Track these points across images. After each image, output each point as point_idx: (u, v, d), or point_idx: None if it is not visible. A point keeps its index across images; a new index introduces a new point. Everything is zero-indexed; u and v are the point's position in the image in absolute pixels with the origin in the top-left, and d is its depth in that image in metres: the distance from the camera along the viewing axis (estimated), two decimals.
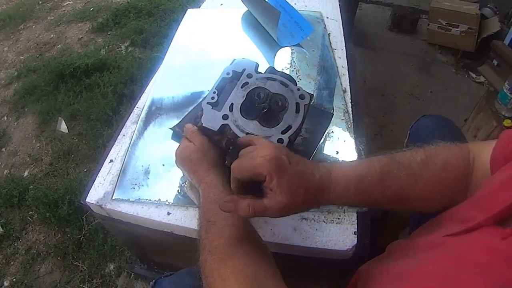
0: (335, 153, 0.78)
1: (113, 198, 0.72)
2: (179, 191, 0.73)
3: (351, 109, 0.88)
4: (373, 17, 2.49)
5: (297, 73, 0.98)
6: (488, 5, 2.17)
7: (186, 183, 0.73)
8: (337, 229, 0.66)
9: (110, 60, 2.03)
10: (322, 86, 0.94)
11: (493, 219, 0.40)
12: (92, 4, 2.72)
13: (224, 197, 0.53)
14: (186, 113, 0.84)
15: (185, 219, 0.69)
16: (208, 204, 0.54)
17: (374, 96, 1.91)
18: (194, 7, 1.28)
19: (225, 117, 0.62)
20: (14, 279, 1.25)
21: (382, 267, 0.52)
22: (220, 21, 1.18)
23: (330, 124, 0.83)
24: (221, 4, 1.27)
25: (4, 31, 2.50)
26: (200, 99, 0.87)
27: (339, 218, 0.68)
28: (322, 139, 0.80)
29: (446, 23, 2.09)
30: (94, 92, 1.85)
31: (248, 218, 0.55)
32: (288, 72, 0.86)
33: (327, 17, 1.19)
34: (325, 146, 0.80)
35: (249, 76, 0.67)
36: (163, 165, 0.77)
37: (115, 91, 1.82)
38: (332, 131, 0.83)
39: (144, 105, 0.90)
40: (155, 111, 0.88)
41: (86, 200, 0.73)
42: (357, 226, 0.66)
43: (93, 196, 0.73)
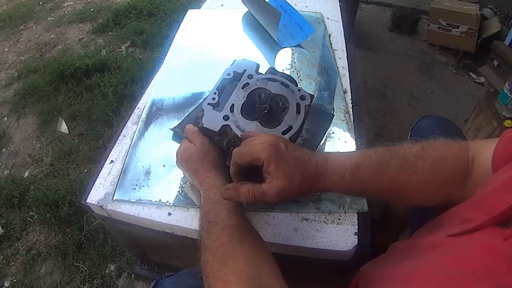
0: None
1: (114, 198, 0.72)
2: (180, 191, 0.73)
3: (351, 109, 0.88)
4: (374, 17, 2.49)
5: (297, 73, 0.98)
6: (488, 6, 2.17)
7: (186, 183, 0.73)
8: (338, 229, 0.66)
9: (111, 60, 2.03)
10: (322, 87, 0.94)
11: (494, 220, 0.40)
12: (92, 4, 2.72)
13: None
14: (187, 113, 0.84)
15: (186, 220, 0.69)
16: (209, 204, 0.54)
17: (374, 96, 1.91)
18: (194, 7, 1.28)
19: (225, 117, 0.62)
20: (15, 280, 1.25)
21: (383, 268, 0.52)
22: (220, 21, 1.18)
23: (331, 125, 0.83)
24: (222, 5, 1.27)
25: (5, 31, 2.50)
26: (201, 100, 0.87)
27: (339, 219, 0.68)
28: (323, 139, 0.80)
29: (446, 23, 2.09)
30: (95, 93, 1.85)
31: (248, 220, 0.55)
32: (288, 73, 0.86)
33: (327, 18, 1.19)
34: (325, 147, 0.80)
35: (249, 77, 0.67)
36: (163, 165, 0.77)
37: (116, 92, 1.82)
38: (333, 132, 0.83)
39: (145, 105, 0.90)
40: (155, 111, 0.88)
41: (87, 201, 0.73)
42: (358, 227, 0.66)
43: (94, 196, 0.73)
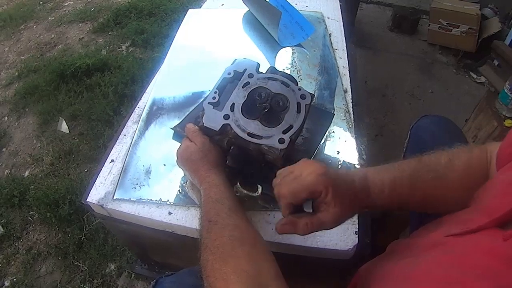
0: (336, 153, 0.78)
1: (114, 198, 0.72)
2: (180, 191, 0.73)
3: (352, 109, 0.88)
4: (374, 17, 2.49)
5: (298, 73, 0.98)
6: (489, 5, 2.17)
7: (187, 183, 0.73)
8: (338, 229, 0.66)
9: (111, 60, 2.03)
10: (323, 86, 0.94)
11: (495, 222, 0.41)
12: (93, 4, 2.72)
13: (225, 197, 0.54)
14: (187, 113, 0.84)
15: (186, 219, 0.69)
16: (210, 203, 0.54)
17: (375, 96, 1.91)
18: (195, 7, 1.28)
19: (226, 117, 0.62)
20: (15, 279, 1.25)
21: (382, 267, 0.52)
22: (221, 21, 1.18)
23: (331, 124, 0.83)
24: (222, 4, 1.27)
25: (5, 31, 2.50)
26: (201, 99, 0.87)
27: None
28: (323, 139, 0.80)
29: (447, 23, 2.09)
30: (95, 92, 1.85)
31: (249, 219, 0.55)
32: (289, 72, 0.86)
33: (328, 18, 1.19)
34: (326, 146, 0.80)
35: (250, 76, 0.67)
36: (164, 165, 0.77)
37: (116, 91, 1.82)
38: (333, 131, 0.83)
39: (145, 105, 0.90)
40: (156, 111, 0.89)
41: (87, 200, 0.73)
42: (358, 226, 0.66)
43: (94, 196, 0.73)
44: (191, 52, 1.06)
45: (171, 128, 0.82)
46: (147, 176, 0.75)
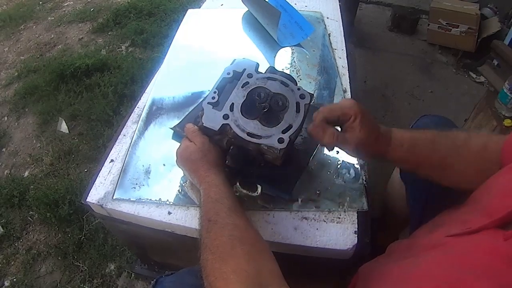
0: (335, 153, 0.78)
1: (114, 197, 0.72)
2: (179, 190, 0.73)
3: None
4: (373, 17, 2.49)
5: (297, 73, 0.98)
6: (488, 5, 2.17)
7: (186, 182, 0.73)
8: (337, 228, 0.66)
9: (111, 60, 2.03)
10: (322, 86, 0.94)
11: (495, 223, 0.41)
12: (92, 4, 2.72)
13: (225, 196, 0.54)
14: (187, 113, 0.84)
15: (186, 219, 0.69)
16: (209, 203, 0.54)
17: (374, 96, 1.91)
18: (194, 7, 1.28)
19: (225, 116, 0.62)
20: (15, 279, 1.25)
21: (382, 268, 0.52)
22: (220, 21, 1.18)
23: None
24: (222, 5, 1.27)
25: (5, 31, 2.50)
26: (201, 99, 0.87)
27: (339, 218, 0.68)
28: None
29: (446, 23, 2.09)
30: (95, 92, 1.85)
31: (248, 219, 0.55)
32: (288, 72, 0.86)
33: (327, 17, 1.19)
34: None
35: (249, 76, 0.67)
36: (163, 165, 0.77)
37: (116, 91, 1.82)
38: None
39: (145, 105, 0.90)
40: (155, 111, 0.89)
41: (87, 200, 0.73)
42: (358, 226, 0.67)
43: (94, 196, 0.73)
44: (191, 52, 1.06)
45: (171, 128, 0.82)
46: (146, 176, 0.75)
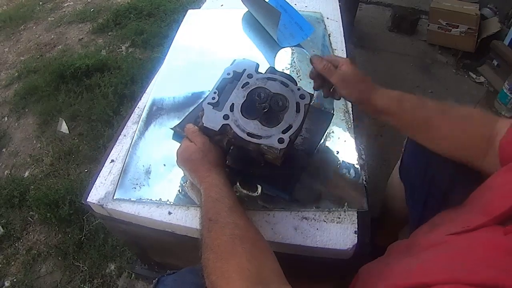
0: (335, 153, 0.78)
1: (114, 198, 0.72)
2: (180, 190, 0.73)
3: (351, 109, 0.89)
4: (373, 17, 2.49)
5: (297, 73, 0.98)
6: (488, 5, 2.17)
7: (187, 182, 0.73)
8: (337, 228, 0.66)
9: (111, 60, 2.03)
10: None
11: (494, 220, 0.41)
12: (92, 5, 2.72)
13: (226, 196, 0.55)
14: (187, 113, 0.84)
15: (186, 219, 0.69)
16: (210, 203, 0.55)
17: None
18: (194, 7, 1.28)
19: (225, 117, 0.62)
20: (15, 279, 1.25)
21: (382, 268, 0.52)
22: (220, 21, 1.19)
23: (331, 124, 0.83)
24: (222, 5, 1.28)
25: (5, 31, 2.50)
26: (201, 100, 0.87)
27: (339, 218, 0.68)
28: (323, 139, 0.80)
29: (446, 23, 2.09)
30: (95, 93, 1.85)
31: (249, 219, 0.55)
32: (288, 73, 0.86)
33: (327, 18, 1.19)
34: (325, 146, 0.80)
35: (249, 76, 0.67)
36: (164, 165, 0.77)
37: (116, 92, 1.82)
38: (333, 131, 0.83)
39: (145, 105, 0.90)
40: (156, 111, 0.89)
41: (87, 200, 0.73)
42: (358, 226, 0.67)
43: (94, 196, 0.73)
44: (191, 52, 1.06)
45: (171, 128, 0.82)
46: (147, 176, 0.76)
